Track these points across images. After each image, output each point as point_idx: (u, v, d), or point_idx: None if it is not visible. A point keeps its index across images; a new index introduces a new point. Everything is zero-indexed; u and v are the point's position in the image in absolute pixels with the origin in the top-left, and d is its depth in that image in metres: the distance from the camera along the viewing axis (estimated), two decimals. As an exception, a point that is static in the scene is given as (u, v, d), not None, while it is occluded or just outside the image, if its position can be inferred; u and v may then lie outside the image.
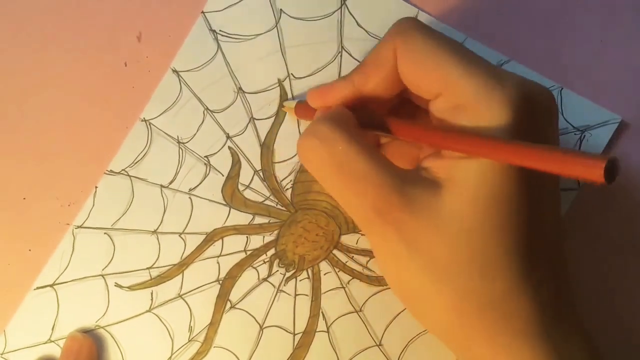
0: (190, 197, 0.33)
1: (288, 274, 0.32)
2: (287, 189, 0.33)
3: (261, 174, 0.33)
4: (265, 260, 0.33)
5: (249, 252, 0.33)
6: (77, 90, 0.33)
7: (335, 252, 0.33)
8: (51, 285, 0.32)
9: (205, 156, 0.33)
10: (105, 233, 0.32)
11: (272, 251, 0.33)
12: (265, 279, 0.32)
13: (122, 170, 0.33)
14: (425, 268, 0.24)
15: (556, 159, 0.20)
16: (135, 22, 0.34)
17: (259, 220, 0.33)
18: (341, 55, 0.33)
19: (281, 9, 0.34)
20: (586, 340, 0.25)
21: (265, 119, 0.33)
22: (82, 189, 0.33)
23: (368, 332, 0.32)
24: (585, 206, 0.32)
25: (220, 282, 0.32)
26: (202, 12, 0.34)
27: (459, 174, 0.23)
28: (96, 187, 0.33)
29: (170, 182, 0.33)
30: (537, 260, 0.24)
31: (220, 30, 0.34)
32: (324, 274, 0.32)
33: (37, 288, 0.32)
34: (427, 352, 0.32)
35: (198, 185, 0.33)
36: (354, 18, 0.33)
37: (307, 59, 0.33)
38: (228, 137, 0.33)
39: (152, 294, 0.32)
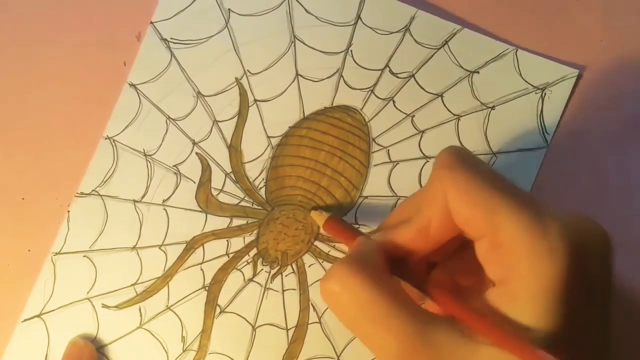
0: (165, 209, 0.33)
1: (273, 271, 0.32)
2: (261, 187, 0.33)
3: (232, 176, 0.33)
4: (249, 261, 0.32)
5: (231, 255, 0.32)
6: (76, 90, 0.33)
7: (316, 243, 0.32)
8: (38, 316, 0.32)
9: (174, 165, 0.33)
10: (84, 256, 0.32)
11: (254, 251, 0.33)
12: (251, 279, 0.32)
13: (93, 190, 0.32)
14: None
15: None
16: (135, 22, 0.34)
17: (236, 222, 0.33)
18: (294, 45, 0.33)
19: (229, 9, 0.33)
20: None
21: (228, 119, 0.33)
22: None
23: (360, 318, 0.32)
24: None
25: (207, 288, 0.32)
26: (151, 22, 0.33)
27: None
28: (69, 211, 0.32)
29: (143, 196, 0.33)
30: None
31: (171, 38, 0.33)
32: (309, 266, 0.32)
33: (25, 320, 0.32)
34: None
35: (171, 196, 0.33)
36: (302, 6, 0.33)
37: (261, 53, 0.33)
38: (194, 143, 0.33)
39: (140, 309, 0.32)
